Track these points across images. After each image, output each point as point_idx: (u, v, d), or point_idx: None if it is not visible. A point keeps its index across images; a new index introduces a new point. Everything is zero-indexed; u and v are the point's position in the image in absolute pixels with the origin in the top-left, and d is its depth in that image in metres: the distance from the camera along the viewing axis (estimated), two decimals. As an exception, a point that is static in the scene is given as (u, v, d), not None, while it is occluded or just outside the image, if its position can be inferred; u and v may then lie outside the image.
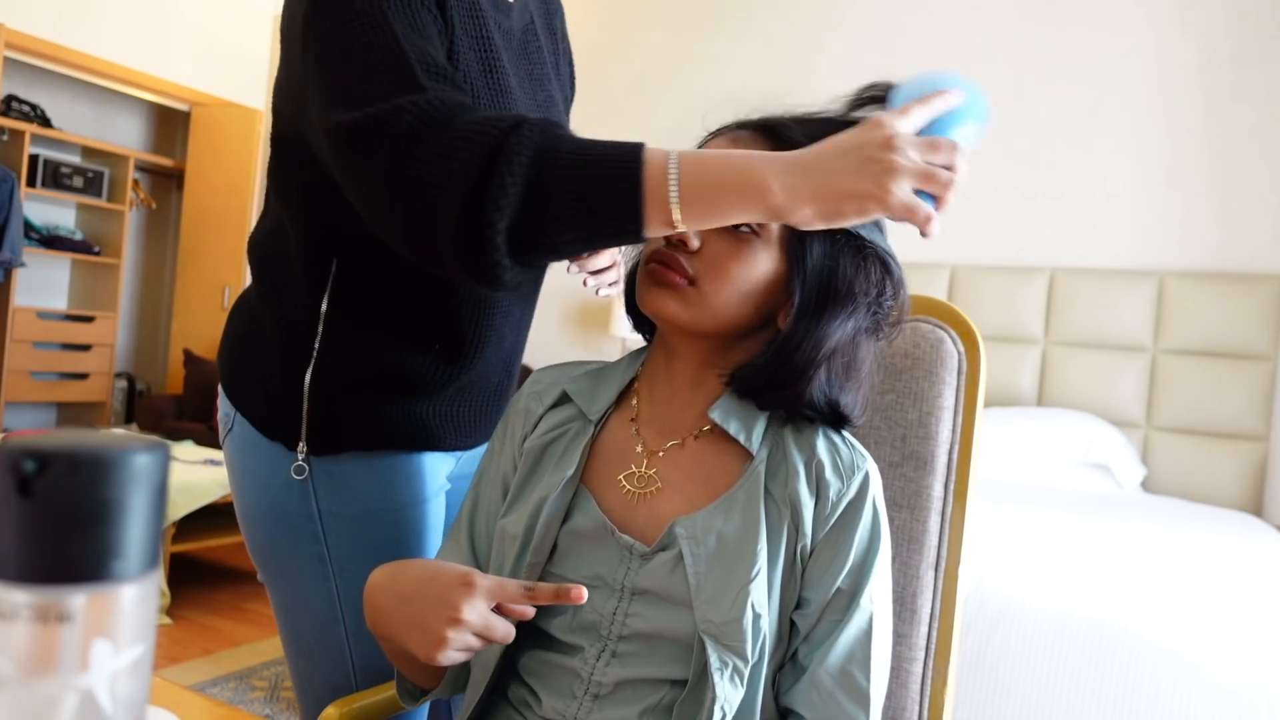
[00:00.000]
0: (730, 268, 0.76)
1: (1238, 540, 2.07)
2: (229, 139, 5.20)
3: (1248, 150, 2.99)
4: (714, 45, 3.92)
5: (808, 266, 0.76)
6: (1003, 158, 3.35)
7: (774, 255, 0.77)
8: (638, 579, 0.77)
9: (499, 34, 0.93)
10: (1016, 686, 1.54)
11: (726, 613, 0.72)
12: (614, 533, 0.78)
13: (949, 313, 0.97)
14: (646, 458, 0.81)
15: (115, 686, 0.33)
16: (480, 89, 0.88)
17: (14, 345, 4.64)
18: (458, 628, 0.69)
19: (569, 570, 0.79)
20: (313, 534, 0.96)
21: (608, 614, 0.77)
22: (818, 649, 0.75)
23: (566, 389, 0.86)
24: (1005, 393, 3.18)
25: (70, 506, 0.31)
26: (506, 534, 0.82)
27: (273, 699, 2.45)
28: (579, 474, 0.81)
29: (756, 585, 0.73)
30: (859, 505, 0.77)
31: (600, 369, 0.89)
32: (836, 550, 0.76)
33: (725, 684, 0.71)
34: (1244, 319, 2.89)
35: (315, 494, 0.96)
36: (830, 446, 0.79)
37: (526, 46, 1.00)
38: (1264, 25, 2.99)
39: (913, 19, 3.54)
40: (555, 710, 0.77)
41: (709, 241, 0.77)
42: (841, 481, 0.77)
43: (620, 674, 0.76)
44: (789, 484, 0.77)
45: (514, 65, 0.95)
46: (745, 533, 0.75)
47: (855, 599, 0.75)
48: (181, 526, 3.19)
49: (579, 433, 0.84)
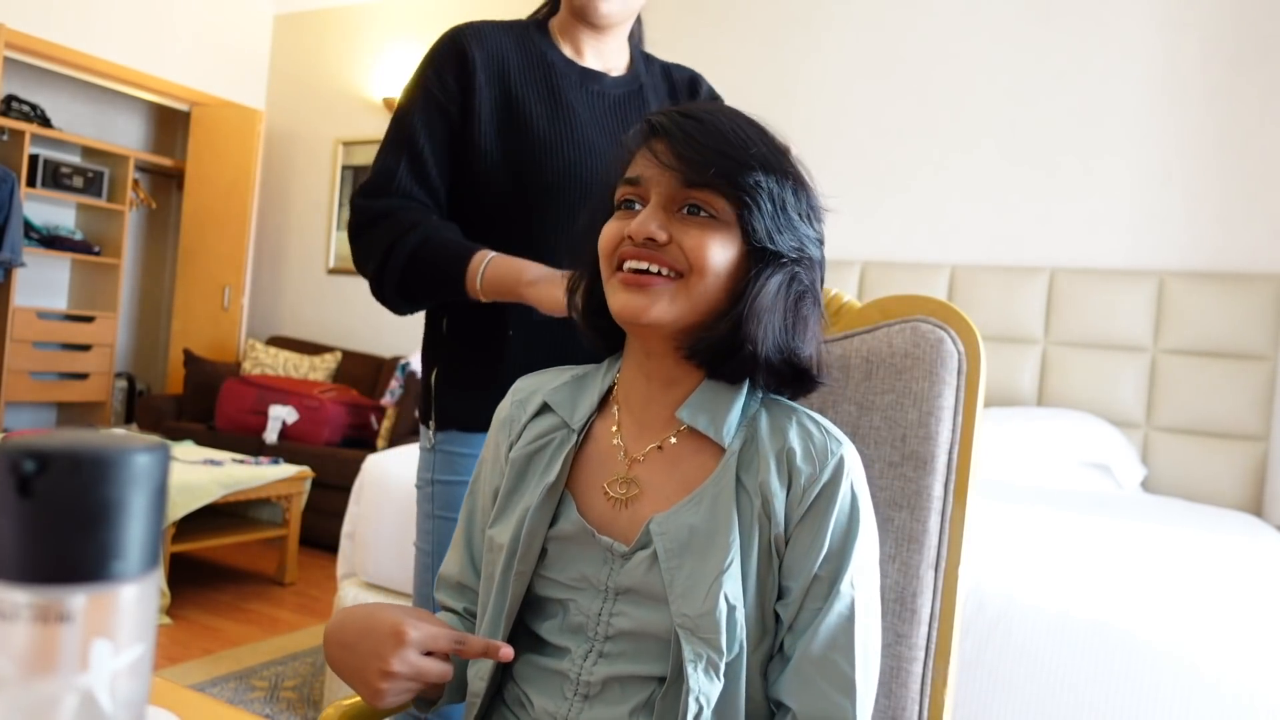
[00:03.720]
0: (707, 247, 0.77)
1: (1238, 540, 2.07)
2: (229, 139, 5.19)
3: (1248, 150, 2.99)
4: (714, 45, 3.92)
5: (755, 240, 0.77)
6: (1003, 158, 3.35)
7: (734, 237, 0.78)
8: (619, 579, 0.78)
9: (578, 93, 1.22)
10: (1016, 686, 1.54)
11: (700, 605, 0.72)
12: (594, 535, 0.79)
13: (949, 313, 0.96)
14: (628, 464, 0.82)
15: (115, 686, 0.33)
16: (544, 122, 1.19)
17: (14, 345, 4.64)
18: (389, 680, 0.75)
19: (558, 573, 0.81)
20: None
21: (593, 615, 0.78)
22: (800, 638, 0.75)
23: (546, 399, 0.87)
24: (1005, 393, 3.18)
25: (70, 506, 0.31)
26: (495, 543, 0.83)
27: (273, 699, 2.45)
28: (561, 482, 0.82)
29: (729, 577, 0.73)
30: (833, 490, 0.76)
31: (581, 376, 0.89)
32: (813, 537, 0.76)
33: (700, 677, 0.71)
34: (1244, 319, 2.89)
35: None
36: (803, 433, 0.79)
37: (622, 107, 1.25)
38: (1264, 25, 2.99)
39: (913, 19, 3.55)
40: (547, 712, 0.78)
41: (676, 231, 0.77)
42: (813, 467, 0.77)
43: (607, 672, 0.77)
44: (760, 473, 0.77)
45: (595, 118, 1.22)
46: (716, 525, 0.75)
47: (835, 585, 0.75)
48: (181, 526, 3.19)
49: (563, 442, 0.84)
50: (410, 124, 1.17)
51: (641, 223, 0.77)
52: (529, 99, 1.18)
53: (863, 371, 0.98)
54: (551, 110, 1.18)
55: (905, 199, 3.50)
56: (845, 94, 3.66)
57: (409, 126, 1.17)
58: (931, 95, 3.50)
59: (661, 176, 0.78)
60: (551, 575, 0.81)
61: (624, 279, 0.78)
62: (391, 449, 2.58)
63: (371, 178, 1.19)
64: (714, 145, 0.77)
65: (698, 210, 0.77)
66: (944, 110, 3.47)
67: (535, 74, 1.20)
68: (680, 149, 0.77)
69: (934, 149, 3.47)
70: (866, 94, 3.62)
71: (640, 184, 0.80)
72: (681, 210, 0.78)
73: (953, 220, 3.41)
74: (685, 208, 0.78)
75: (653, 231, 0.76)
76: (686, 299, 0.77)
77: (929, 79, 3.51)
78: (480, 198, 1.19)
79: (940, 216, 3.43)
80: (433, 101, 1.17)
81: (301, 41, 5.33)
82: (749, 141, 0.78)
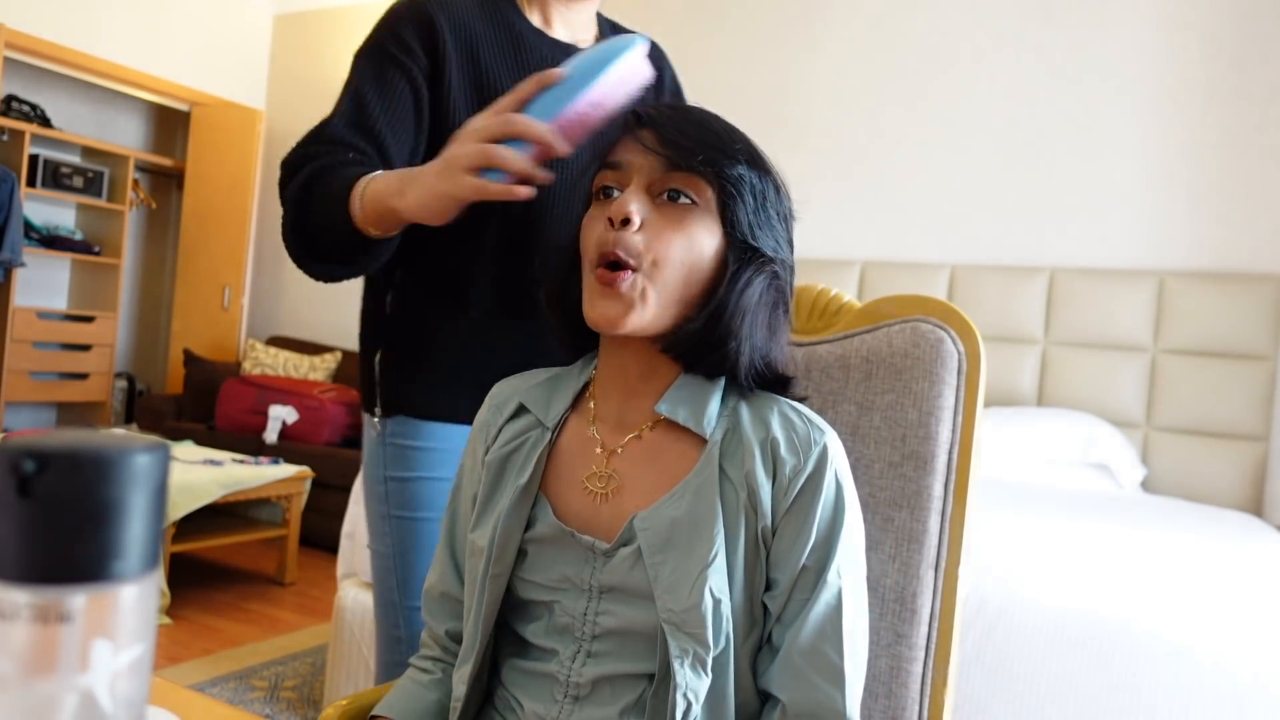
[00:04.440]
0: (678, 239, 0.77)
1: (1238, 540, 2.07)
2: (229, 139, 5.19)
3: (1248, 150, 2.99)
4: (714, 45, 3.92)
5: (738, 233, 0.78)
6: (1003, 158, 3.35)
7: (715, 227, 0.78)
8: (602, 577, 0.77)
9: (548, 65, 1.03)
10: (1016, 686, 1.54)
11: (685, 600, 0.72)
12: (573, 535, 0.78)
13: (949, 313, 0.96)
14: (606, 457, 0.81)
15: (115, 686, 0.33)
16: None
17: (14, 345, 4.64)
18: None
19: (537, 575, 0.80)
20: None
21: (579, 615, 0.77)
22: (788, 629, 0.74)
23: (522, 400, 0.87)
24: (1005, 393, 3.18)
25: (70, 506, 0.31)
26: (475, 547, 0.82)
27: (273, 699, 2.45)
28: (535, 482, 0.81)
29: (715, 570, 0.72)
30: (818, 480, 0.76)
31: (556, 375, 0.89)
32: (799, 528, 0.75)
33: (687, 672, 0.71)
34: (1244, 319, 2.89)
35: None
36: (786, 423, 0.79)
37: None
38: (1264, 25, 2.99)
39: (913, 19, 3.55)
40: (536, 715, 0.77)
41: (651, 217, 0.77)
42: (798, 458, 0.76)
43: (596, 672, 0.76)
44: (744, 464, 0.76)
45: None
46: (700, 518, 0.74)
47: (822, 576, 0.74)
48: (181, 526, 3.19)
49: (537, 441, 0.83)
50: (358, 79, 1.06)
51: (620, 203, 0.76)
52: (500, 75, 1.11)
53: (863, 371, 0.98)
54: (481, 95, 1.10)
55: (905, 199, 3.50)
56: (845, 94, 3.66)
57: (356, 80, 1.06)
58: (932, 95, 3.50)
59: (645, 161, 0.78)
60: (532, 578, 0.80)
61: (600, 276, 0.77)
62: (391, 449, 2.58)
63: (306, 133, 1.08)
64: (700, 135, 0.78)
65: (678, 195, 0.77)
66: (944, 110, 3.47)
67: (504, 48, 1.13)
68: (667, 134, 0.77)
69: (934, 149, 3.47)
70: (866, 94, 3.62)
71: (622, 168, 0.79)
72: (663, 195, 0.78)
73: (953, 220, 3.41)
74: (666, 193, 0.78)
75: (630, 212, 0.76)
76: (657, 294, 0.76)
77: (929, 79, 3.51)
78: None
79: (940, 216, 3.43)
80: (389, 59, 1.06)
81: (301, 41, 5.33)
82: (734, 136, 0.80)
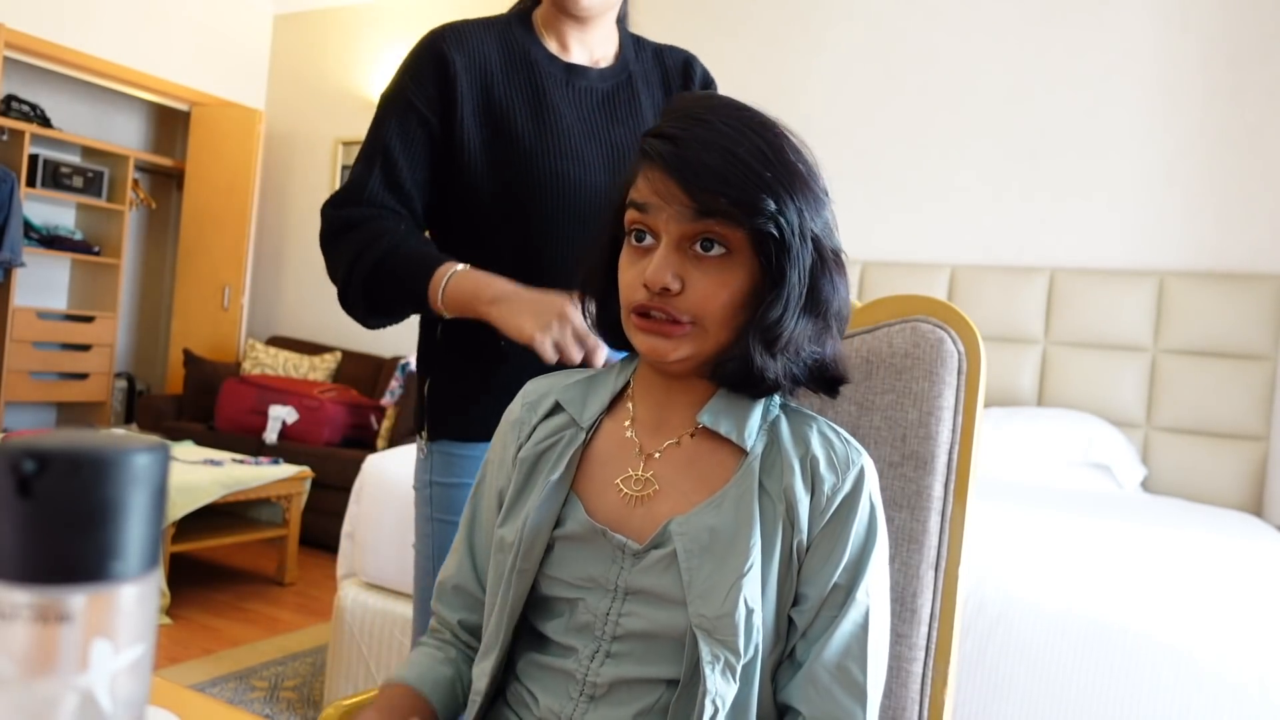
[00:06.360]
0: (720, 295, 0.75)
1: (1238, 540, 2.07)
2: (229, 139, 5.19)
3: (1248, 150, 2.99)
4: (714, 45, 3.91)
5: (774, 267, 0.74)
6: (1003, 158, 3.35)
7: (748, 261, 0.75)
8: (630, 578, 0.77)
9: (563, 91, 1.19)
10: (1016, 686, 1.54)
11: (719, 607, 0.72)
12: (605, 533, 0.78)
13: (949, 313, 0.96)
14: (643, 460, 0.81)
15: (115, 686, 0.33)
16: (529, 129, 1.16)
17: (14, 345, 4.64)
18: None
19: (563, 573, 0.80)
20: None
21: (601, 614, 0.78)
22: (814, 644, 0.75)
23: (558, 399, 0.86)
24: (1005, 393, 3.18)
25: (70, 506, 0.31)
26: (504, 542, 0.82)
27: (273, 699, 2.45)
28: (568, 480, 0.82)
29: (749, 580, 0.73)
30: (855, 500, 0.77)
31: (593, 376, 0.89)
32: (833, 545, 0.76)
33: (717, 678, 0.71)
34: (1244, 319, 2.89)
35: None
36: (825, 442, 0.79)
37: (610, 101, 1.23)
38: (1264, 25, 2.99)
39: (913, 19, 3.55)
40: (551, 711, 0.78)
41: (690, 276, 0.75)
42: (837, 476, 0.77)
43: (615, 674, 0.76)
44: (784, 479, 0.77)
45: (581, 117, 1.20)
46: (738, 528, 0.75)
47: (852, 594, 0.75)
48: (181, 526, 3.19)
49: (571, 440, 0.83)
50: (385, 131, 1.15)
51: (656, 272, 0.74)
52: (513, 103, 1.16)
53: (863, 371, 0.98)
54: (535, 114, 1.16)
55: (905, 199, 3.50)
56: (845, 93, 3.66)
57: (383, 134, 1.15)
58: (932, 95, 3.50)
59: (670, 210, 0.74)
60: (557, 575, 0.80)
61: (640, 325, 0.77)
62: (391, 449, 2.58)
63: (342, 186, 1.17)
64: (725, 170, 0.72)
65: (710, 245, 0.74)
66: (944, 110, 3.47)
67: (519, 75, 1.17)
68: (689, 177, 0.72)
69: (934, 149, 3.47)
70: (866, 93, 3.62)
71: (648, 211, 0.76)
72: (695, 245, 0.75)
73: (953, 220, 3.41)
74: (699, 241, 0.75)
75: (668, 282, 0.74)
76: (705, 341, 0.76)
77: (929, 79, 3.51)
78: (467, 206, 1.17)
79: (940, 216, 3.43)
80: (410, 108, 1.15)
81: (301, 41, 5.34)
82: (762, 157, 0.73)
